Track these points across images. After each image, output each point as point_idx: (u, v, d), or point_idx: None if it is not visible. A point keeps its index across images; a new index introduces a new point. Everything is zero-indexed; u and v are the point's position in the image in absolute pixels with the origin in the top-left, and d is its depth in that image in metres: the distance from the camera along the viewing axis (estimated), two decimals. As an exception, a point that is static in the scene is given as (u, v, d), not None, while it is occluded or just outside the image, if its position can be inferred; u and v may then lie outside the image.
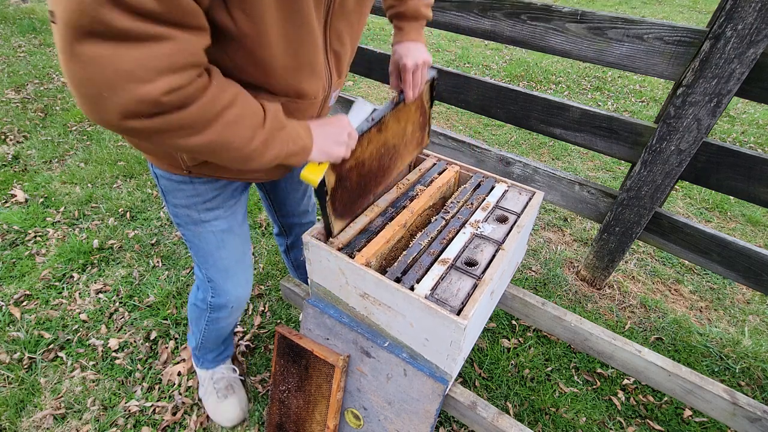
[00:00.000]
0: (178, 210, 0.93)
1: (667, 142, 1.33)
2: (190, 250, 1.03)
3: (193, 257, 1.05)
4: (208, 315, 1.14)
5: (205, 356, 1.31)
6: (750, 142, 2.93)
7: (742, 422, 0.98)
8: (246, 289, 1.12)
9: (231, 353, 1.37)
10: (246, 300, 1.15)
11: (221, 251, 1.00)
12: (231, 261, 1.03)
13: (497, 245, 0.99)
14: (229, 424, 1.29)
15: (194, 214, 0.93)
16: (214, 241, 0.98)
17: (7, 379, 1.40)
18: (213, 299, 1.09)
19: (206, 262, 1.02)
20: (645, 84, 3.74)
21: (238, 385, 1.35)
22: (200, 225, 0.95)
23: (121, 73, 0.48)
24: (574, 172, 2.59)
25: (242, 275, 1.09)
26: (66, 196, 2.17)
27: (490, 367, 1.49)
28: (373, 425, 1.06)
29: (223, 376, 1.32)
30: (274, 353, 1.13)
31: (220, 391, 1.30)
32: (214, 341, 1.25)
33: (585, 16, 1.33)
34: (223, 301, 1.09)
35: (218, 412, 1.29)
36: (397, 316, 0.90)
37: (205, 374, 1.33)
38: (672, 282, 1.86)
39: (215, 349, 1.29)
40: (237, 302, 1.11)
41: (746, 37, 1.09)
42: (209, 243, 0.98)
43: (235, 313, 1.16)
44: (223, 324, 1.17)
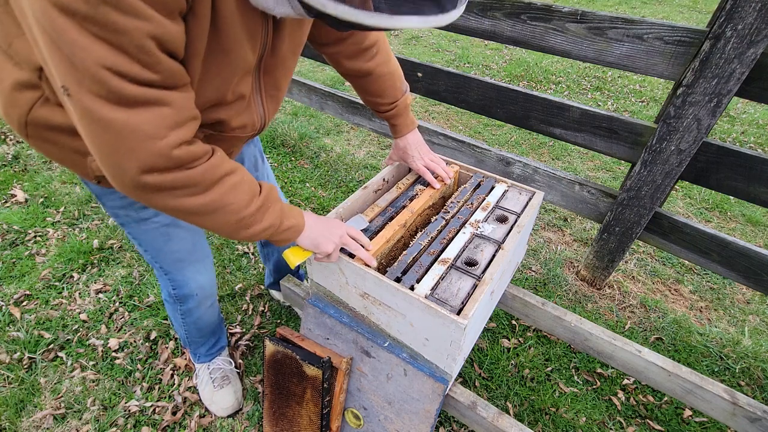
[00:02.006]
0: (116, 211, 0.93)
1: (667, 142, 1.33)
2: (139, 248, 1.03)
3: (143, 255, 1.05)
4: (179, 308, 1.16)
5: (198, 350, 1.33)
6: (750, 142, 2.94)
7: (742, 422, 0.98)
8: (206, 276, 1.12)
9: (224, 345, 1.40)
10: (211, 287, 1.15)
11: (170, 244, 1.00)
12: (183, 252, 1.04)
13: (497, 245, 0.99)
14: (225, 413, 1.32)
15: (132, 213, 0.93)
16: (160, 235, 0.98)
17: (7, 379, 1.40)
18: (175, 291, 1.10)
19: (158, 256, 1.02)
20: (645, 84, 3.74)
21: (234, 376, 1.39)
22: (142, 223, 0.95)
23: (138, 134, 0.56)
24: (574, 172, 2.59)
25: (199, 263, 1.09)
26: (66, 196, 2.17)
27: (490, 367, 1.49)
28: (373, 425, 1.06)
29: (219, 367, 1.36)
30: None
31: (216, 381, 1.34)
32: (197, 334, 1.27)
33: (585, 16, 1.33)
34: (186, 292, 1.10)
35: (214, 402, 1.32)
36: (397, 315, 0.90)
37: (202, 366, 1.37)
38: (672, 282, 1.86)
39: (204, 342, 1.32)
40: (201, 291, 1.12)
41: (746, 37, 1.09)
42: (155, 238, 0.98)
43: (205, 302, 1.17)
44: (197, 315, 1.18)
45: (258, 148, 1.20)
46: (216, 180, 0.67)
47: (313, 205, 2.21)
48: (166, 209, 0.67)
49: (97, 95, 0.53)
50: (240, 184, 0.71)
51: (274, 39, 0.73)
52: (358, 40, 0.97)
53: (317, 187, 2.35)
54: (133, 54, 0.52)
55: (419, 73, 1.88)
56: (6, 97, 0.71)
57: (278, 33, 0.73)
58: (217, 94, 0.71)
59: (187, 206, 0.67)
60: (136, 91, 0.54)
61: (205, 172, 0.65)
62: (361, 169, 2.51)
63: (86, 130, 0.57)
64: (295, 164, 2.54)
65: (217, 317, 1.29)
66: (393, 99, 1.08)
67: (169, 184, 0.63)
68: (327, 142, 2.79)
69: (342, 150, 2.71)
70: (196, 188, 0.66)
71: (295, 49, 0.81)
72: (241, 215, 0.72)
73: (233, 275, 1.79)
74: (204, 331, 1.27)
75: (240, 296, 1.71)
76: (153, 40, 0.52)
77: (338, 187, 2.36)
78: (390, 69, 1.04)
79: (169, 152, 0.59)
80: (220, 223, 0.71)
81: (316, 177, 2.43)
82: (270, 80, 0.81)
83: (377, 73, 1.02)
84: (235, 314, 1.64)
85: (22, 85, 0.69)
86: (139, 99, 0.55)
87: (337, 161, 2.58)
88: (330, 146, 2.74)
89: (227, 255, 1.88)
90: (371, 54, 1.00)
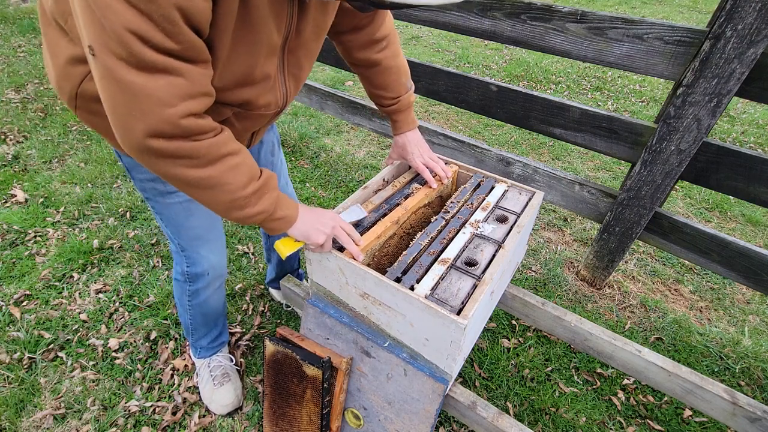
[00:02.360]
0: (144, 184, 0.97)
1: (667, 142, 1.33)
2: (160, 223, 1.06)
3: (164, 230, 1.08)
4: (188, 288, 1.17)
5: (198, 342, 1.34)
6: (750, 142, 2.94)
7: (742, 422, 0.98)
8: (219, 257, 1.15)
9: (226, 340, 1.41)
10: (222, 267, 1.18)
11: (190, 220, 1.04)
12: (201, 229, 1.07)
13: (497, 245, 0.99)
14: (224, 411, 1.32)
15: (159, 186, 0.96)
16: (182, 210, 1.01)
17: (7, 379, 1.40)
18: (189, 269, 1.13)
19: (178, 232, 1.06)
20: (645, 84, 3.74)
21: (234, 373, 1.39)
22: (167, 196, 0.98)
23: (152, 98, 0.59)
24: (574, 172, 2.59)
25: (214, 243, 1.12)
26: (66, 196, 2.17)
27: (490, 367, 1.49)
28: (373, 425, 1.06)
29: (219, 364, 1.36)
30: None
31: (216, 378, 1.34)
32: (201, 320, 1.28)
33: (585, 16, 1.33)
34: (199, 270, 1.13)
35: (214, 399, 1.32)
36: (397, 315, 0.90)
37: (202, 363, 1.37)
38: (672, 282, 1.86)
39: (207, 332, 1.32)
40: (213, 270, 1.15)
41: (746, 37, 1.09)
42: (178, 213, 1.02)
43: (213, 283, 1.19)
44: (204, 296, 1.20)
45: (276, 135, 1.24)
46: (218, 157, 0.70)
47: (313, 205, 2.21)
48: (167, 176, 0.70)
49: (119, 57, 0.56)
50: (240, 165, 0.74)
51: (299, 21, 0.76)
52: (372, 31, 1.00)
53: (317, 187, 2.35)
54: (158, 22, 0.54)
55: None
56: (60, 71, 0.77)
57: (303, 16, 0.76)
58: (244, 72, 0.73)
59: (187, 177, 0.69)
60: (155, 57, 0.57)
61: (209, 147, 0.68)
62: (361, 169, 2.51)
63: (104, 90, 0.60)
64: (295, 164, 2.54)
65: (222, 304, 1.31)
66: (396, 94, 1.11)
67: (172, 152, 0.66)
68: (327, 142, 2.79)
69: (342, 150, 2.71)
70: (198, 161, 0.68)
71: (319, 32, 0.84)
72: (236, 195, 0.74)
73: (233, 275, 1.79)
74: (208, 317, 1.28)
75: (240, 296, 1.71)
76: (179, 12, 0.55)
77: (338, 187, 2.36)
78: (397, 63, 1.07)
79: (176, 120, 0.62)
80: (215, 200, 0.74)
81: (316, 177, 2.43)
82: (293, 60, 0.83)
83: (384, 65, 1.05)
84: (235, 314, 1.64)
85: (75, 59, 0.74)
86: (157, 65, 0.58)
87: (337, 161, 2.58)
88: (330, 146, 2.74)
89: (227, 255, 1.88)
90: (381, 46, 1.03)
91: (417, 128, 1.18)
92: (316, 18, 0.80)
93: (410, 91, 1.13)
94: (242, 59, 0.71)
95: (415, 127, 1.18)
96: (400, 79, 1.09)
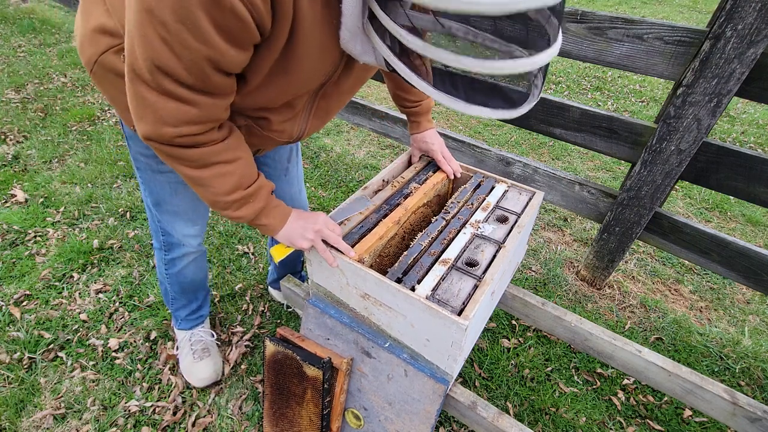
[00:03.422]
0: (138, 156, 0.99)
1: (667, 142, 1.33)
2: (143, 193, 1.10)
3: (144, 199, 1.11)
4: (164, 256, 1.22)
5: (178, 313, 1.37)
6: (750, 142, 2.94)
7: (742, 422, 0.98)
8: (194, 231, 1.17)
9: (205, 314, 1.44)
10: (198, 244, 1.21)
11: (174, 198, 1.07)
12: (181, 208, 1.10)
13: (498, 245, 0.99)
14: (201, 384, 1.36)
15: (153, 164, 0.99)
16: (169, 187, 1.04)
17: (7, 379, 1.40)
18: (164, 237, 1.17)
19: (158, 204, 1.09)
20: (645, 84, 3.74)
21: (215, 349, 1.42)
22: (158, 174, 1.01)
23: (156, 115, 0.65)
24: (574, 172, 2.59)
25: (191, 222, 1.14)
26: (66, 196, 2.17)
27: (490, 367, 1.49)
28: (374, 425, 1.06)
29: (201, 339, 1.40)
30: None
31: (196, 352, 1.37)
32: (179, 289, 1.31)
33: (585, 16, 1.33)
34: (173, 240, 1.17)
35: (192, 372, 1.36)
36: (397, 316, 0.90)
37: (184, 335, 1.40)
38: (672, 282, 1.86)
39: (186, 304, 1.35)
40: (187, 242, 1.18)
41: (746, 37, 1.09)
42: (164, 189, 1.05)
43: (189, 256, 1.23)
44: (180, 266, 1.24)
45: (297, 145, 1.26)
46: (208, 164, 0.74)
47: (313, 205, 2.21)
48: (164, 159, 0.75)
49: (141, 78, 0.61)
50: (229, 175, 0.77)
51: (342, 73, 0.78)
52: None
53: (317, 187, 2.35)
54: (186, 65, 0.59)
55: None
56: (88, 34, 0.80)
57: (347, 69, 0.78)
58: (269, 101, 0.76)
59: (178, 169, 0.76)
60: (173, 87, 0.61)
61: (202, 155, 0.72)
62: (361, 169, 2.51)
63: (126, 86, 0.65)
64: (295, 164, 2.54)
65: (201, 278, 1.33)
66: (419, 98, 1.15)
67: (165, 151, 0.71)
68: (327, 142, 2.79)
69: (342, 150, 2.71)
70: (189, 163, 0.74)
71: (358, 84, 0.87)
72: (218, 199, 0.79)
73: (233, 275, 1.79)
74: (186, 288, 1.31)
75: (240, 296, 1.71)
76: (210, 63, 0.59)
77: (338, 187, 2.36)
78: None
79: (171, 139, 0.67)
80: (201, 194, 0.79)
81: (316, 177, 2.43)
82: (324, 105, 0.86)
83: None
84: (235, 314, 1.64)
85: (105, 30, 0.78)
86: (172, 93, 0.62)
87: (337, 161, 2.58)
88: (330, 146, 2.74)
89: (227, 255, 1.88)
90: None
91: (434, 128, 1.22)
92: (359, 72, 0.81)
93: None
94: (272, 93, 0.73)
95: (433, 127, 1.22)
96: None
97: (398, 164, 1.25)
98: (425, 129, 1.20)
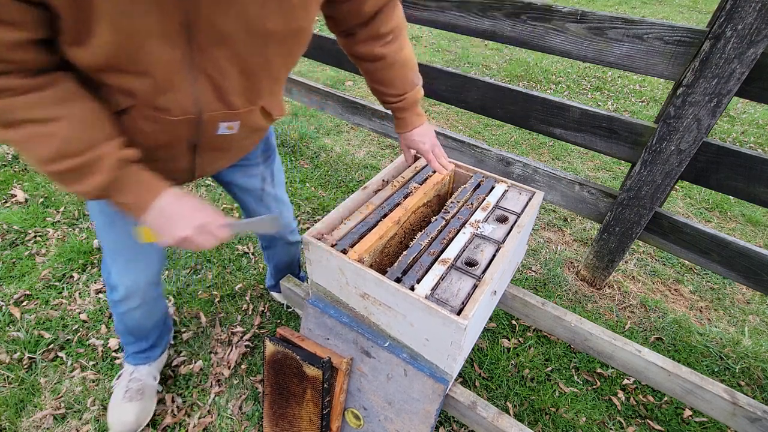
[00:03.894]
0: None
1: (667, 142, 1.33)
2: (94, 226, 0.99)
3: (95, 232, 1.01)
4: (108, 293, 1.11)
5: (126, 346, 1.26)
6: (750, 142, 2.94)
7: (742, 422, 0.98)
8: (132, 277, 1.03)
9: (156, 355, 1.31)
10: (137, 290, 1.06)
11: (109, 232, 0.96)
12: (119, 245, 0.98)
13: (497, 245, 0.99)
14: (117, 428, 1.19)
15: None
16: (104, 219, 0.94)
17: (7, 379, 1.40)
18: (106, 277, 1.07)
19: (100, 236, 0.99)
20: (645, 84, 3.74)
21: (151, 394, 1.27)
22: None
23: None
24: (574, 172, 2.59)
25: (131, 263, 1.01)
26: (66, 196, 2.17)
27: (490, 367, 1.49)
28: (373, 425, 1.06)
29: (141, 379, 1.25)
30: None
31: (129, 391, 1.23)
32: (123, 329, 1.20)
33: (585, 16, 1.33)
34: (112, 282, 1.06)
35: (114, 411, 1.21)
36: (397, 316, 0.90)
37: (127, 369, 1.29)
38: (672, 282, 1.86)
39: (133, 341, 1.24)
40: (125, 289, 1.04)
41: (746, 37, 1.09)
42: (99, 219, 0.95)
43: (129, 302, 1.08)
44: (122, 309, 1.10)
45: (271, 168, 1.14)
46: (14, 122, 0.60)
47: (313, 205, 2.21)
48: None
49: None
50: (46, 138, 0.62)
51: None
52: (378, 25, 0.89)
53: (317, 187, 2.35)
54: None
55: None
56: None
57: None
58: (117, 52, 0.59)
59: None
60: None
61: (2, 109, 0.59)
62: (361, 169, 2.51)
63: None
64: (295, 164, 2.54)
65: (151, 322, 1.20)
66: (401, 91, 1.01)
67: None
68: (327, 142, 2.79)
69: (342, 150, 2.71)
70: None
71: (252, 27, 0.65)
72: (43, 168, 0.64)
73: (233, 275, 1.79)
74: (131, 330, 1.20)
75: (240, 296, 1.71)
76: None
77: (338, 187, 2.36)
78: (403, 57, 0.97)
79: None
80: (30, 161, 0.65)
81: (316, 177, 2.43)
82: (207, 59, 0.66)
83: (389, 60, 0.95)
84: (235, 314, 1.64)
85: None
86: None
87: (337, 161, 2.58)
88: (330, 146, 2.74)
89: (227, 255, 1.88)
90: (387, 39, 0.93)
91: (426, 123, 1.10)
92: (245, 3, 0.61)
93: (417, 87, 1.04)
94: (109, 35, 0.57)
95: (423, 122, 1.09)
96: (406, 76, 0.99)
97: (398, 164, 1.25)
98: (413, 127, 1.07)
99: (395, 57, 0.95)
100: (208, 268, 1.81)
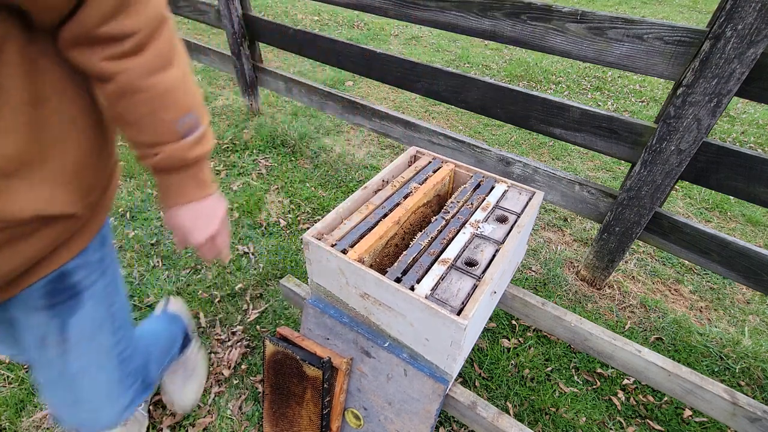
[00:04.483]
0: None
1: (667, 142, 1.33)
2: None
3: None
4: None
5: None
6: (750, 142, 2.94)
7: (742, 422, 0.98)
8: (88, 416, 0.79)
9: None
10: None
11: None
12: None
13: (497, 245, 0.99)
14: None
15: None
16: None
17: (7, 379, 1.40)
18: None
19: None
20: (645, 84, 3.74)
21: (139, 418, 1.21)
22: None
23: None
24: (574, 172, 2.59)
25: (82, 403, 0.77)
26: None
27: (490, 367, 1.49)
28: (373, 425, 1.06)
29: None
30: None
31: None
32: None
33: (585, 16, 1.33)
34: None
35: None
36: (397, 316, 0.90)
37: None
38: (672, 282, 1.86)
39: None
40: None
41: (746, 37, 1.09)
42: None
43: None
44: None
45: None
46: None
47: (313, 205, 2.21)
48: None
49: None
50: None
51: None
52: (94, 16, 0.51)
53: (317, 187, 2.35)
54: None
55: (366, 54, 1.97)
56: None
57: None
58: None
59: None
60: None
61: None
62: (361, 169, 2.51)
63: None
64: (295, 164, 2.54)
65: None
66: (154, 139, 0.63)
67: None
68: (327, 142, 2.79)
69: (342, 150, 2.71)
70: None
71: None
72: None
73: (233, 275, 1.79)
74: None
75: (240, 296, 1.71)
76: None
77: (338, 187, 2.36)
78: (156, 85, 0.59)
79: None
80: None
81: (316, 177, 2.43)
82: None
83: (125, 85, 0.57)
84: (235, 314, 1.64)
85: None
86: None
87: (337, 161, 2.58)
88: (330, 146, 2.74)
89: (227, 255, 1.88)
90: (120, 50, 0.55)
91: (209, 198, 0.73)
92: None
93: (191, 137, 0.64)
94: None
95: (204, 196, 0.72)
96: (161, 115, 0.61)
97: (398, 164, 1.25)
98: (180, 201, 0.70)
99: (139, 83, 0.57)
100: (208, 268, 1.81)
